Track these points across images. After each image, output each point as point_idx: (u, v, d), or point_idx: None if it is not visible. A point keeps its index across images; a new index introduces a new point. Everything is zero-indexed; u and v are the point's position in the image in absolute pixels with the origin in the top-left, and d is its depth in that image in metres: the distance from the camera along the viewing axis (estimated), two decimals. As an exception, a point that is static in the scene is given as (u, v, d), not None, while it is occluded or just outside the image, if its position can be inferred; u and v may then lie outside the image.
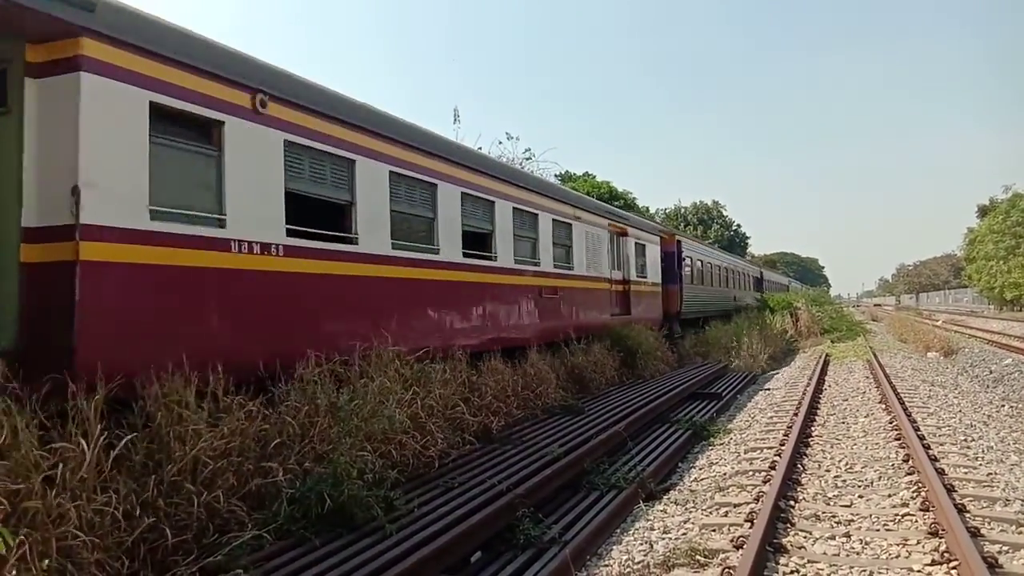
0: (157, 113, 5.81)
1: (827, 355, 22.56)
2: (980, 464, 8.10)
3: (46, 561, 3.75)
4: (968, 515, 6.14)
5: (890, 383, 14.78)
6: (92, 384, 4.70)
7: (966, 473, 7.61)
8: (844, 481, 7.58)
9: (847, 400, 13.37)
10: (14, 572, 3.61)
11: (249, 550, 4.69)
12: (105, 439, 4.50)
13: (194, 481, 4.89)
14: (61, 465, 4.16)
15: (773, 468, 7.80)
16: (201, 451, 5.01)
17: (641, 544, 5.91)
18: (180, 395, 5.25)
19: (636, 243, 18.78)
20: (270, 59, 7.39)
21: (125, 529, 4.31)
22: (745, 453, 9.00)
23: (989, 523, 6.01)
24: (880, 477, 7.66)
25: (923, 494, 6.79)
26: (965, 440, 9.46)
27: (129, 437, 4.73)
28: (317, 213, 7.76)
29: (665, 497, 7.35)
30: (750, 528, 5.83)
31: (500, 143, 33.74)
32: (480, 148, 24.89)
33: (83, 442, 4.33)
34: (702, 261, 27.35)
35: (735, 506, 6.72)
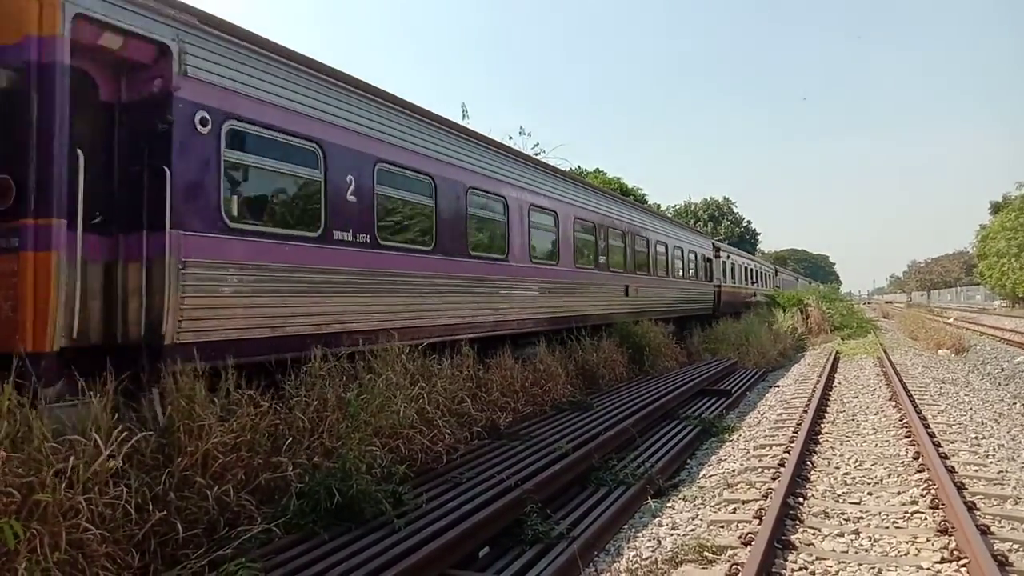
0: None
1: (837, 352, 22.47)
2: (991, 462, 8.06)
3: (56, 554, 3.79)
4: (978, 513, 6.12)
5: (900, 380, 14.71)
6: None
7: (976, 471, 7.57)
8: (854, 478, 7.56)
9: (857, 397, 13.32)
10: (24, 564, 3.64)
11: (258, 543, 4.72)
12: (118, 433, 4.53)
13: (204, 475, 4.93)
14: (72, 458, 4.18)
15: (782, 465, 7.79)
16: (212, 446, 5.03)
17: (649, 540, 5.91)
18: (192, 389, 5.28)
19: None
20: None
21: (136, 522, 4.34)
22: (754, 450, 8.97)
23: (1000, 521, 5.98)
24: (890, 474, 7.64)
25: (933, 492, 6.76)
26: (976, 438, 9.41)
27: (141, 435, 4.76)
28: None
29: (674, 493, 7.34)
30: (759, 525, 5.83)
31: (511, 138, 33.50)
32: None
33: (96, 436, 4.36)
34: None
35: (744, 503, 6.71)
